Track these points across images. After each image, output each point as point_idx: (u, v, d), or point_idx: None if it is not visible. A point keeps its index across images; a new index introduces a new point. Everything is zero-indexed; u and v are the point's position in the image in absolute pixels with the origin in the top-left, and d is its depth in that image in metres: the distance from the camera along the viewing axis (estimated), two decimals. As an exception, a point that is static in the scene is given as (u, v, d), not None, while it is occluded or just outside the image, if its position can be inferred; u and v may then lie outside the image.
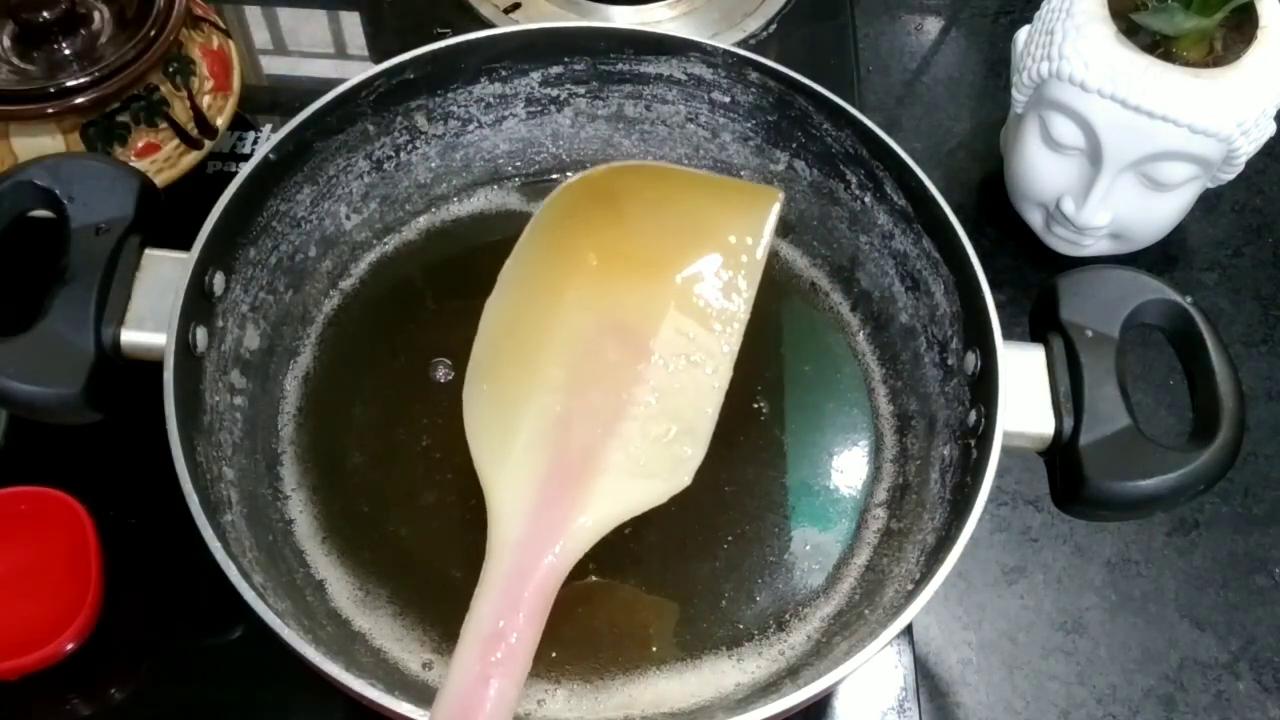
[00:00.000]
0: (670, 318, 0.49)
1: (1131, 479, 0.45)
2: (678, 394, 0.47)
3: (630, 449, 0.45)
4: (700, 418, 0.47)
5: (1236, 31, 0.58)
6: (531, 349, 0.48)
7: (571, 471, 0.44)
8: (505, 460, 0.44)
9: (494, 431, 0.45)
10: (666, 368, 0.48)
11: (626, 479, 0.45)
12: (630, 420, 0.46)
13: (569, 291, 0.49)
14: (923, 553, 0.47)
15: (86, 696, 0.51)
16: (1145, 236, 0.64)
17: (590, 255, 0.50)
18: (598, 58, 0.57)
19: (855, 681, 0.53)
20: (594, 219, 0.51)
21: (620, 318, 0.49)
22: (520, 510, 0.43)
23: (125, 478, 0.54)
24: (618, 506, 0.44)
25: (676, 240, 0.52)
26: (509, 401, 0.46)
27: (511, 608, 0.40)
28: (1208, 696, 0.56)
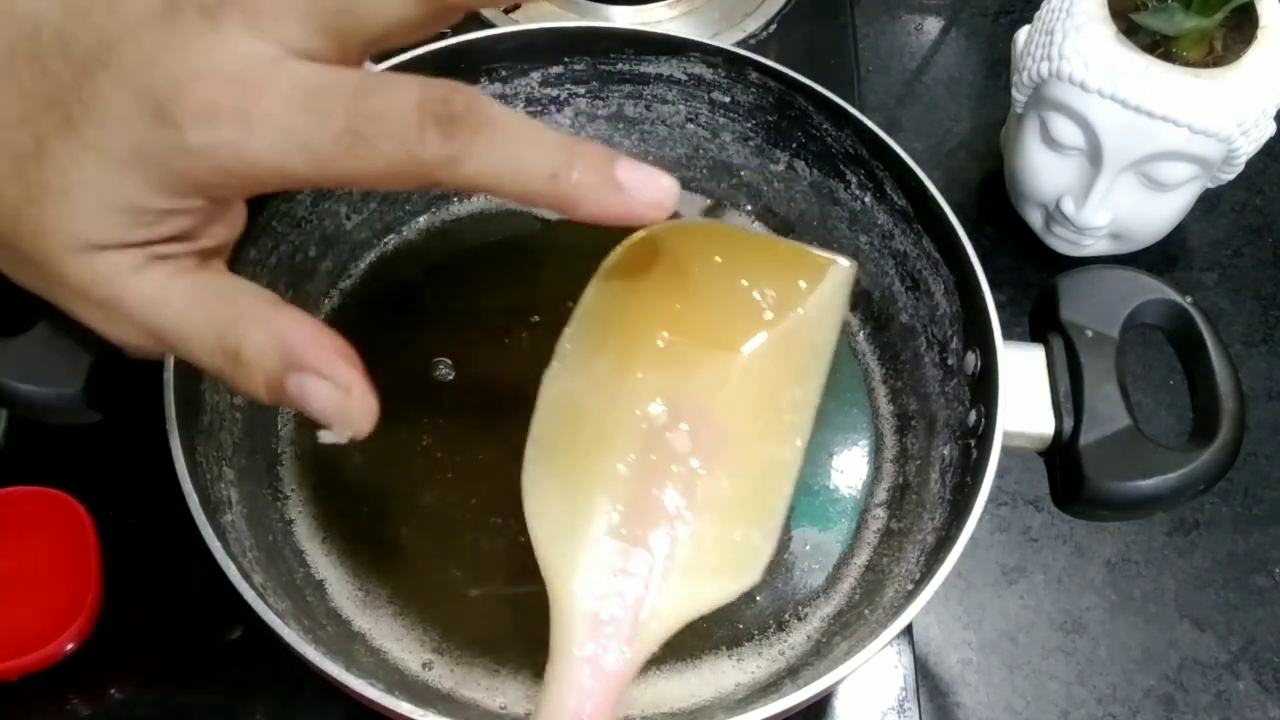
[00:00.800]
0: (739, 402, 0.46)
1: (1131, 479, 0.45)
2: (747, 483, 0.45)
3: (700, 545, 0.43)
4: (771, 514, 0.45)
5: (1236, 31, 0.58)
6: (597, 436, 0.45)
7: (639, 572, 0.42)
8: (572, 558, 0.42)
9: (559, 523, 0.43)
10: (736, 455, 0.45)
11: (695, 578, 0.43)
12: (699, 515, 0.44)
13: (637, 370, 0.46)
14: (923, 552, 0.47)
15: (86, 697, 0.51)
16: (1145, 236, 0.64)
17: (658, 330, 0.47)
18: (598, 58, 0.57)
19: (855, 681, 0.53)
20: (659, 284, 0.48)
21: (689, 401, 0.46)
22: (586, 615, 0.41)
23: (125, 478, 0.54)
24: (686, 609, 0.42)
25: (746, 311, 0.48)
26: (575, 491, 0.44)
27: (579, 713, 0.39)
28: (1208, 696, 0.56)
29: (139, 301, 0.32)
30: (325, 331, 0.34)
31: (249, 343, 0.32)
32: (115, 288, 0.31)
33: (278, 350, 0.32)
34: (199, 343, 0.32)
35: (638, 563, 0.42)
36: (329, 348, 0.33)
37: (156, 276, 0.32)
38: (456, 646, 0.48)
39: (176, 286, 0.32)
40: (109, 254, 0.31)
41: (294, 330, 0.33)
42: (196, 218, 0.32)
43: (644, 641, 0.41)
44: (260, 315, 0.33)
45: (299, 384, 0.32)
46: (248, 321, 0.32)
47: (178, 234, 0.32)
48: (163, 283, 0.32)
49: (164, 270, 0.32)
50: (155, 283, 0.32)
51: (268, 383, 0.32)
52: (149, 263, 0.32)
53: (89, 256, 0.31)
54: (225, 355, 0.32)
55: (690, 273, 0.48)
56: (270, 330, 0.32)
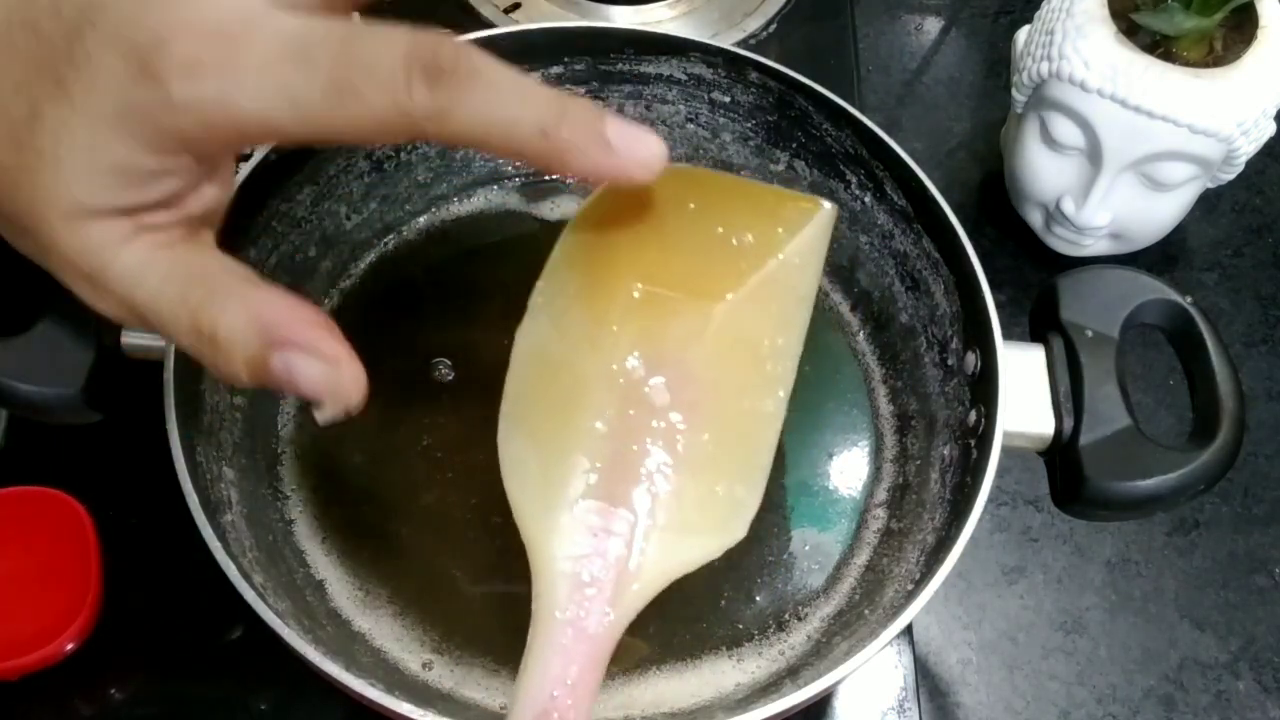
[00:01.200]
0: (719, 353, 0.45)
1: (1131, 479, 0.45)
2: (731, 441, 0.44)
3: (682, 501, 0.42)
4: (755, 467, 0.44)
5: (1236, 31, 0.58)
6: (573, 393, 0.44)
7: (619, 531, 0.41)
8: (551, 521, 0.41)
9: (537, 487, 0.42)
10: (718, 408, 0.44)
11: (678, 535, 0.42)
12: (680, 470, 0.43)
13: (612, 322, 0.44)
14: (923, 553, 0.47)
15: (86, 697, 0.51)
16: (1145, 236, 0.64)
17: (632, 280, 0.45)
18: (597, 58, 0.57)
19: (855, 681, 0.53)
20: (633, 232, 0.46)
21: (667, 353, 0.44)
22: (567, 577, 0.40)
23: (125, 478, 0.54)
24: (669, 567, 0.42)
25: (724, 258, 0.46)
26: (552, 454, 0.43)
27: (562, 678, 0.38)
28: (1208, 696, 0.56)
29: (121, 275, 0.31)
30: (304, 305, 0.33)
31: (224, 322, 0.31)
32: (103, 259, 0.31)
33: (256, 328, 0.31)
34: (174, 322, 0.31)
35: (619, 522, 0.41)
36: (310, 322, 0.32)
37: (141, 249, 0.31)
38: (457, 646, 0.48)
39: (157, 262, 0.31)
40: (99, 223, 0.30)
41: (272, 306, 0.32)
42: (185, 179, 0.31)
43: (627, 602, 0.41)
44: (235, 293, 0.32)
45: (284, 362, 0.31)
46: (222, 300, 0.31)
47: (166, 198, 0.31)
48: (146, 257, 0.31)
49: (149, 243, 0.31)
50: (139, 257, 0.31)
51: (249, 363, 0.31)
52: (136, 234, 0.31)
53: (79, 225, 0.30)
54: (200, 336, 0.31)
55: (665, 219, 0.46)
56: (247, 308, 0.31)
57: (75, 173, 0.30)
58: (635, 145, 0.33)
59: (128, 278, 0.31)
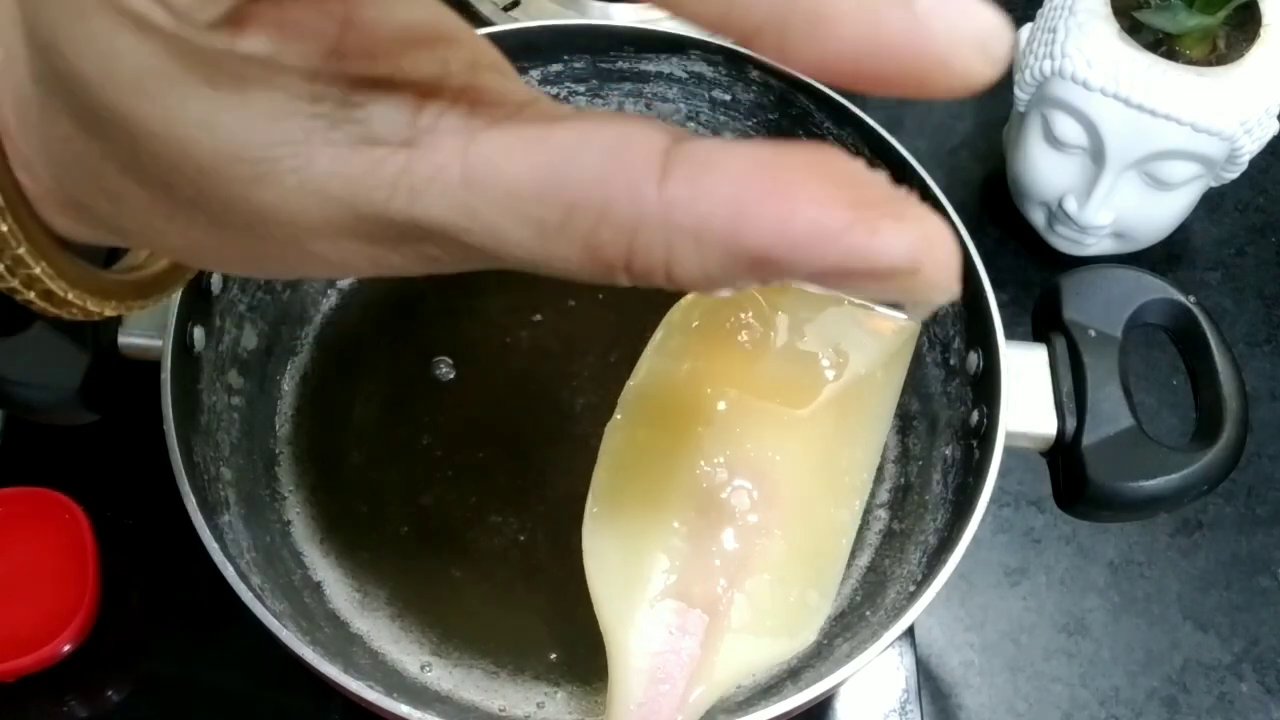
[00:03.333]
0: (798, 462, 0.46)
1: (1134, 479, 0.44)
2: (805, 544, 0.45)
3: (756, 604, 0.43)
4: (827, 575, 0.45)
5: (1240, 30, 0.58)
6: (658, 491, 0.45)
7: (694, 630, 0.42)
8: (631, 616, 0.43)
9: (619, 581, 0.44)
10: (795, 515, 0.45)
11: (750, 639, 0.43)
12: (757, 574, 0.44)
13: (697, 428, 0.46)
14: (925, 554, 0.47)
15: (84, 698, 0.51)
16: (1148, 236, 0.64)
17: (720, 385, 0.47)
18: (597, 55, 0.57)
19: (857, 683, 0.53)
20: (722, 339, 0.48)
21: (749, 459, 0.46)
22: (640, 671, 0.41)
23: (123, 478, 0.54)
24: (741, 669, 0.43)
25: (808, 371, 0.48)
26: (634, 550, 0.44)
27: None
28: (1211, 698, 0.55)
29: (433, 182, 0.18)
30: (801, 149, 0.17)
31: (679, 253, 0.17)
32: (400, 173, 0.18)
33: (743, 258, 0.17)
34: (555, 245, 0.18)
35: (694, 622, 0.43)
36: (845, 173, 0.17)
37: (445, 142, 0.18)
38: (456, 648, 0.47)
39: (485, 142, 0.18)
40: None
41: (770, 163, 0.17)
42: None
43: (697, 701, 0.42)
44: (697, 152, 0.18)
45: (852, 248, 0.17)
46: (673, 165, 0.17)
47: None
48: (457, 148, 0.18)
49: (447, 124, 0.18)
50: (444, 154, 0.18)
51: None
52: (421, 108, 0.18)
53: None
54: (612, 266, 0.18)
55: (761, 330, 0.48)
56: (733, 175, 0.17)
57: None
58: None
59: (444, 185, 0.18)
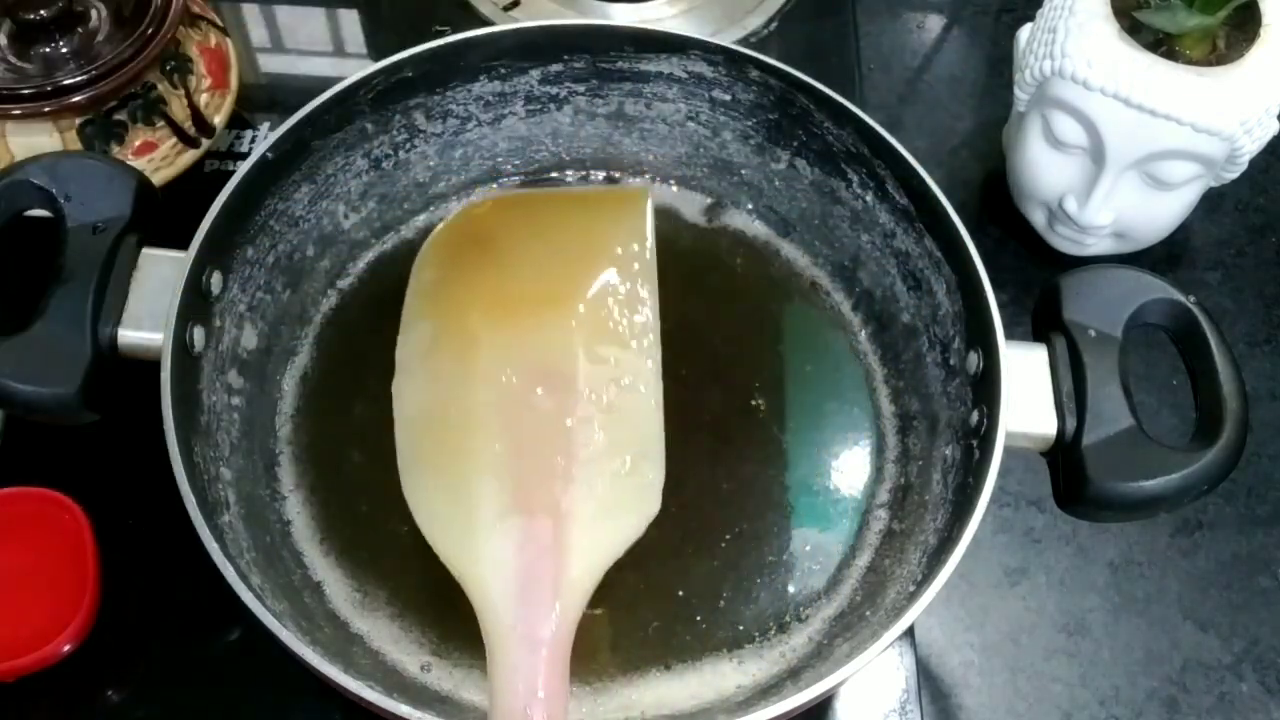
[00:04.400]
0: (586, 346, 0.48)
1: (1135, 480, 0.44)
2: (620, 421, 0.46)
3: (592, 492, 0.45)
4: (649, 438, 0.47)
5: (1239, 30, 0.58)
6: (460, 423, 0.46)
7: (542, 534, 0.43)
8: (471, 543, 0.43)
9: (448, 516, 0.44)
10: (600, 398, 0.47)
11: (598, 524, 0.44)
12: (583, 463, 0.45)
13: (478, 353, 0.48)
14: (925, 554, 0.47)
15: (83, 698, 0.51)
16: (1148, 236, 0.64)
17: (485, 308, 0.49)
18: (597, 56, 0.57)
19: (857, 683, 0.53)
20: (473, 267, 0.50)
21: (538, 363, 0.47)
22: (503, 591, 0.42)
23: (122, 478, 0.54)
24: (599, 555, 0.44)
25: (564, 266, 0.51)
26: (455, 482, 0.45)
27: (531, 690, 0.39)
28: (1211, 698, 0.55)
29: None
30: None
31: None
32: None
33: None
34: None
35: (538, 528, 0.43)
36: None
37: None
38: (456, 649, 0.47)
39: None
40: None
41: None
42: None
43: (571, 600, 0.42)
44: None
45: None
46: None
47: None
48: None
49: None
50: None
51: None
52: None
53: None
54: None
55: (503, 246, 0.51)
56: None
57: None
58: None
59: None
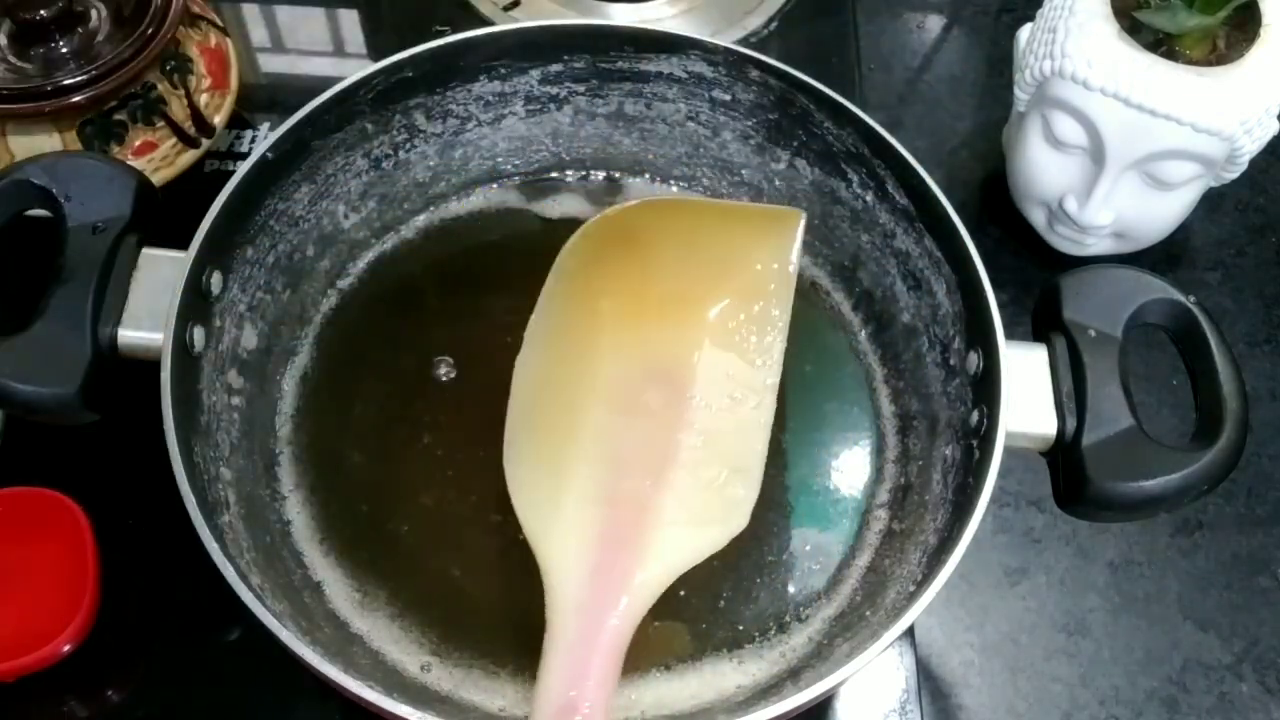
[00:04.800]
0: (707, 356, 0.48)
1: (1135, 479, 0.44)
2: (724, 434, 0.46)
3: (683, 497, 0.45)
4: (750, 455, 0.47)
5: (1239, 30, 0.58)
6: (570, 406, 0.47)
7: (626, 528, 0.43)
8: (555, 522, 0.43)
9: (540, 493, 0.44)
10: (710, 408, 0.47)
11: (682, 529, 0.44)
12: (679, 468, 0.45)
13: (601, 342, 0.48)
14: (925, 554, 0.47)
15: (83, 698, 0.51)
16: (1148, 236, 0.64)
17: (619, 302, 0.49)
18: (597, 55, 0.57)
19: (857, 683, 0.53)
20: (616, 262, 0.50)
21: (657, 363, 0.48)
22: (577, 573, 0.42)
23: (122, 478, 0.54)
24: (677, 559, 0.44)
25: (704, 274, 0.51)
26: (553, 462, 0.45)
27: (582, 675, 0.39)
28: (1211, 698, 0.55)
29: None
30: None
31: None
32: None
33: None
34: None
35: (623, 521, 0.43)
36: None
37: None
38: (456, 648, 0.47)
39: None
40: None
41: None
42: None
43: (638, 594, 0.42)
44: None
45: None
46: None
47: None
48: None
49: None
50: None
51: None
52: None
53: None
54: None
55: (646, 246, 0.50)
56: None
57: None
58: None
59: None
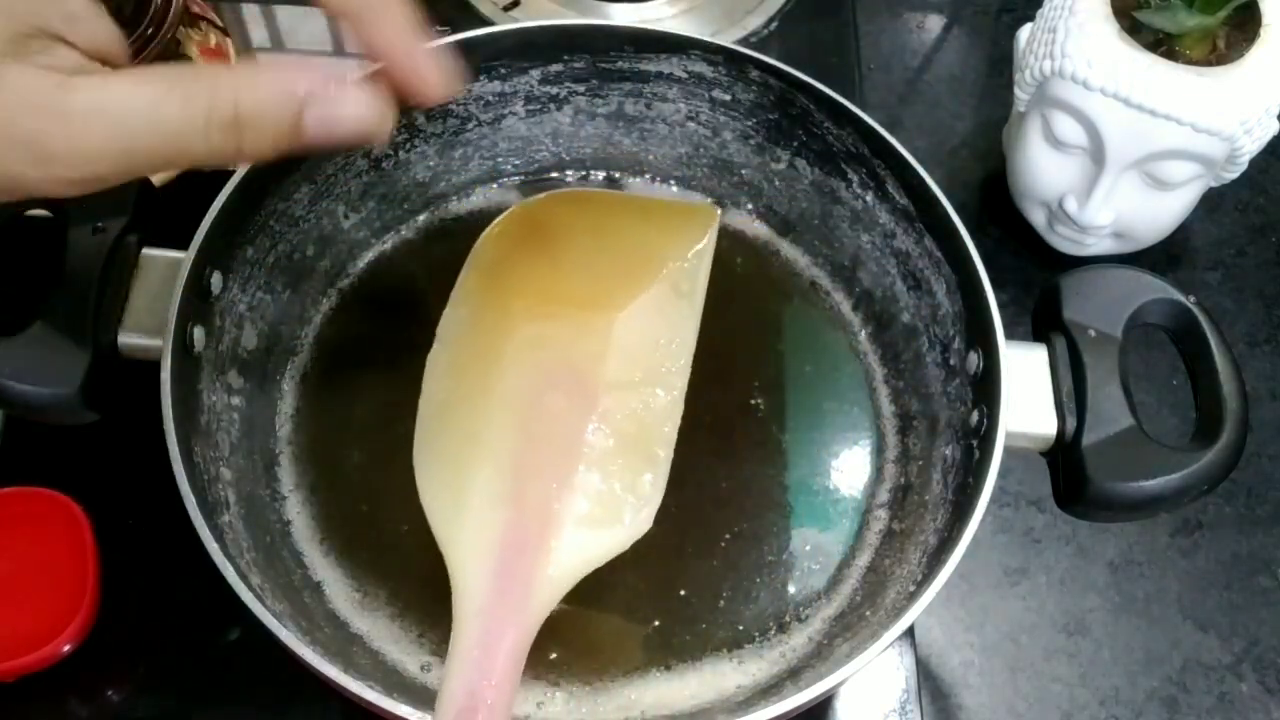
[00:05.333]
0: (616, 358, 0.48)
1: (1134, 479, 0.44)
2: (631, 439, 0.47)
3: (589, 496, 0.45)
4: (656, 461, 0.47)
5: (1239, 30, 0.58)
6: (477, 407, 0.47)
7: (529, 530, 0.43)
8: (461, 525, 0.44)
9: (447, 495, 0.45)
10: (620, 406, 0.47)
11: (586, 530, 0.44)
12: (586, 468, 0.45)
13: (510, 341, 0.48)
14: (925, 554, 0.47)
15: (84, 698, 0.51)
16: (1148, 236, 0.64)
17: (529, 299, 0.49)
18: (597, 55, 0.57)
19: (857, 683, 0.53)
20: (529, 255, 0.50)
21: (566, 361, 0.48)
22: (480, 576, 0.42)
23: (122, 478, 0.54)
24: (578, 561, 0.44)
25: (616, 270, 0.51)
26: (460, 463, 0.45)
27: (483, 675, 0.40)
28: (1210, 698, 0.55)
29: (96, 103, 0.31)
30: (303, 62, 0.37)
31: (247, 101, 0.32)
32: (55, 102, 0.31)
33: (284, 96, 0.32)
34: (187, 127, 0.31)
35: (527, 523, 0.44)
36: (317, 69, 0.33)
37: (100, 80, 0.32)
38: (455, 648, 0.47)
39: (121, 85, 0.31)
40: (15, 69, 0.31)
41: (285, 73, 0.33)
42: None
43: (539, 599, 0.42)
44: (241, 75, 0.33)
45: (323, 115, 0.33)
46: (231, 84, 0.32)
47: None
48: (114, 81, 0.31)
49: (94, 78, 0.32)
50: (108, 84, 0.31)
51: (281, 135, 0.33)
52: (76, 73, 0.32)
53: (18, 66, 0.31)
54: (224, 128, 0.32)
55: (558, 240, 0.51)
56: (266, 81, 0.32)
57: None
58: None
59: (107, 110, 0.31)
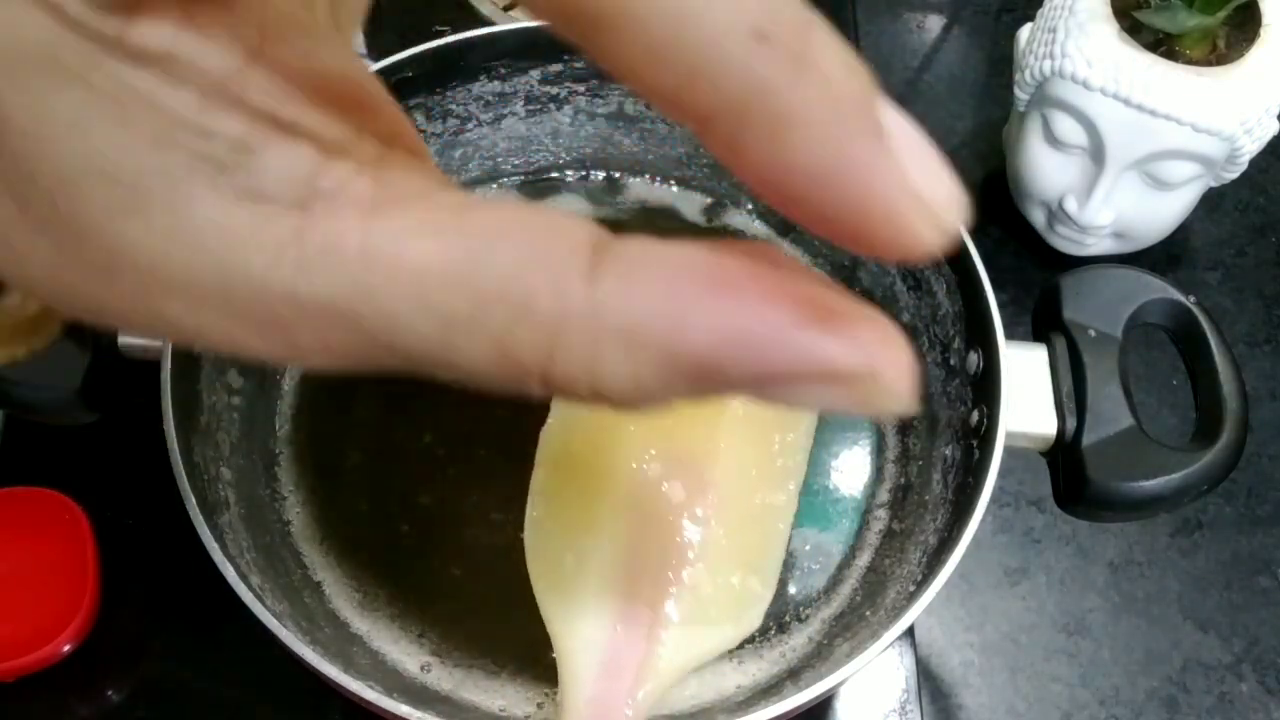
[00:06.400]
0: (731, 450, 0.48)
1: (1134, 479, 0.44)
2: (744, 535, 0.46)
3: (698, 595, 0.45)
4: (768, 554, 0.47)
5: (1239, 30, 0.58)
6: (594, 491, 0.47)
7: (640, 625, 0.43)
8: (573, 614, 0.44)
9: (560, 580, 0.45)
10: (731, 504, 0.47)
11: (695, 629, 0.44)
12: (696, 565, 0.45)
13: (629, 426, 0.48)
14: (925, 553, 0.47)
15: (83, 698, 0.51)
16: (1148, 236, 0.64)
17: None
18: (598, 56, 0.57)
19: (856, 683, 0.53)
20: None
21: (683, 454, 0.47)
22: (588, 669, 0.42)
23: (122, 478, 0.54)
24: (686, 659, 0.44)
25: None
26: (574, 548, 0.45)
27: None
28: (1211, 698, 0.55)
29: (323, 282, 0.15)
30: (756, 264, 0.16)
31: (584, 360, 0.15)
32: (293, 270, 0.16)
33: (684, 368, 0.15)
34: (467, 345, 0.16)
35: (638, 616, 0.43)
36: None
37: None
38: (456, 648, 0.47)
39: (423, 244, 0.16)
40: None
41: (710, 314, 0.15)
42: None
43: (648, 693, 0.42)
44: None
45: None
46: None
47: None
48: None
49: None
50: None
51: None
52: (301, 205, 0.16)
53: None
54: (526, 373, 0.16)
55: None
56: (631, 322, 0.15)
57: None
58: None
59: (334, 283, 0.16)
